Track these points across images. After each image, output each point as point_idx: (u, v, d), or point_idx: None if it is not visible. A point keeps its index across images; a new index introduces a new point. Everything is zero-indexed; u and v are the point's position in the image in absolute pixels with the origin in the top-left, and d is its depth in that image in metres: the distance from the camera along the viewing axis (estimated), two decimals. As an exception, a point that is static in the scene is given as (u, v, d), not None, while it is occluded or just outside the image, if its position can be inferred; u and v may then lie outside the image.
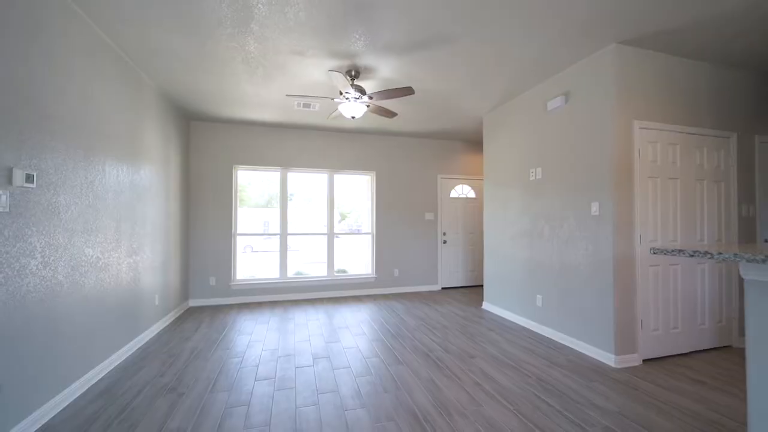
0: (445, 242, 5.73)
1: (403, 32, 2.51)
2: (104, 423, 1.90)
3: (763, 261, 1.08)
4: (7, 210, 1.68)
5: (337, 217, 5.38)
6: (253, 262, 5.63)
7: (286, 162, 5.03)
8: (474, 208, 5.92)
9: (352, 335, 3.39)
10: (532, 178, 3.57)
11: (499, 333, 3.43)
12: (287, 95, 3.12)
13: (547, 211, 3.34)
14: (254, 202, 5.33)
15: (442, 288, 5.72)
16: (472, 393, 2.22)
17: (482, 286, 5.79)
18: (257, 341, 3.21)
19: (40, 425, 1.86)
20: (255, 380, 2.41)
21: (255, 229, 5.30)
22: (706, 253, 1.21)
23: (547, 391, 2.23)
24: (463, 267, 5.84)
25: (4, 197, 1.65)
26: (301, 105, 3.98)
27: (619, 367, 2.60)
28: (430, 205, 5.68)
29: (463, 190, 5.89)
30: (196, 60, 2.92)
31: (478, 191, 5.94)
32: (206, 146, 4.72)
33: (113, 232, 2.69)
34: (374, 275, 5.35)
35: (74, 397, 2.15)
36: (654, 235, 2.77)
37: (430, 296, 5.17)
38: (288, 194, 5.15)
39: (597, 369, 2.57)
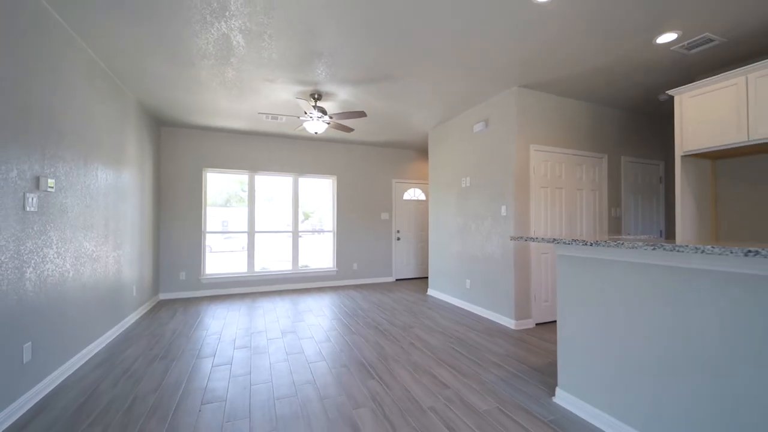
0: (398, 239, 6.49)
1: (355, 71, 3.18)
2: (112, 381, 2.37)
3: (552, 242, 1.88)
4: (36, 210, 2.12)
5: (300, 217, 5.92)
6: (214, 262, 5.91)
7: (254, 166, 5.49)
8: (424, 209, 6.74)
9: (314, 316, 4.00)
10: (463, 186, 4.40)
11: (436, 311, 4.21)
12: (259, 113, 3.66)
13: (474, 212, 4.18)
14: (212, 201, 5.48)
15: (396, 279, 6.47)
16: (406, 349, 2.94)
17: (431, 277, 6.62)
18: (231, 323, 3.72)
19: (55, 385, 2.29)
20: (234, 349, 2.96)
21: (213, 228, 5.55)
22: (533, 238, 2.01)
23: (462, 345, 3.02)
24: (415, 260, 6.64)
25: (35, 199, 2.09)
26: (270, 117, 4.51)
27: (517, 329, 3.47)
28: (386, 206, 6.41)
29: (414, 194, 6.69)
30: (178, 81, 3.38)
31: (428, 194, 6.76)
32: (177, 150, 5.06)
33: (103, 228, 3.09)
34: (335, 269, 5.97)
35: (79, 365, 2.58)
36: (545, 231, 3.68)
37: (385, 286, 5.89)
38: (252, 194, 5.58)
39: (501, 331, 3.42)
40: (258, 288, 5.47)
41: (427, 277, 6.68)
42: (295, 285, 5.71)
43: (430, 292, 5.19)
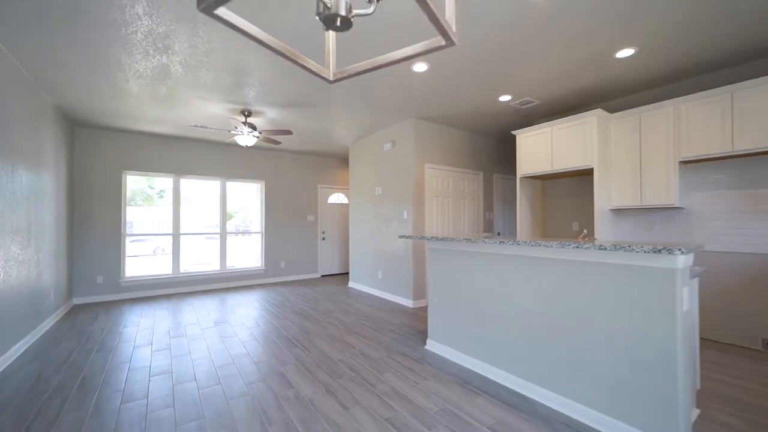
0: (324, 239, 7.15)
1: (281, 97, 3.80)
2: (54, 369, 2.63)
3: (421, 238, 2.81)
4: (-22, 216, 2.32)
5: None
6: (131, 265, 5.87)
7: (179, 170, 5.63)
8: (347, 212, 7.51)
9: (245, 309, 4.47)
10: (377, 193, 5.28)
11: (354, 299, 5.01)
12: (191, 126, 4.00)
13: (384, 216, 5.09)
14: None
15: (322, 275, 7.12)
16: (324, 326, 3.67)
17: (353, 272, 7.41)
18: (162, 319, 3.99)
19: (-7, 377, 2.48)
20: (170, 338, 3.34)
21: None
22: (410, 237, 2.90)
23: (369, 321, 3.86)
24: (339, 258, 7.37)
25: (-21, 207, 2.30)
26: (200, 127, 4.79)
27: (414, 307, 4.46)
28: (312, 208, 7.02)
29: (338, 198, 7.42)
30: (109, 93, 3.57)
31: (350, 199, 7.55)
32: (93, 152, 4.98)
33: (26, 233, 3.17)
34: (263, 267, 6.38)
35: (11, 361, 2.73)
36: (437, 231, 4.75)
37: (311, 282, 6.51)
38: (159, 193, 5.67)
39: (402, 309, 4.36)
40: (184, 288, 5.62)
41: (348, 272, 7.46)
42: (224, 284, 5.98)
43: (351, 284, 5.98)
